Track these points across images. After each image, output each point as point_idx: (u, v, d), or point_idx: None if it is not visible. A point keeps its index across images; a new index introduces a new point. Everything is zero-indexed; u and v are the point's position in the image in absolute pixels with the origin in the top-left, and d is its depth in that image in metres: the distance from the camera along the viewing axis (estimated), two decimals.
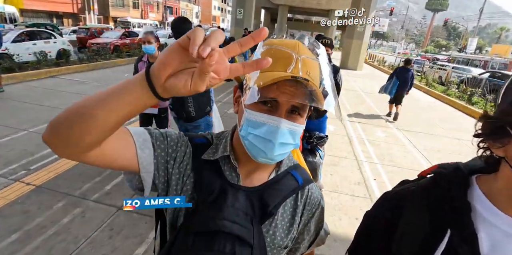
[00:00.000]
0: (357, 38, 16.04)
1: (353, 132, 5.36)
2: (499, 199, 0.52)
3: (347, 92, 9.11)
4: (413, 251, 0.57)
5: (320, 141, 2.84)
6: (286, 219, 0.68)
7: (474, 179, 0.58)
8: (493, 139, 0.51)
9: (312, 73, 0.56)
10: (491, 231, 0.52)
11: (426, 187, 0.61)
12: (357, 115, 6.64)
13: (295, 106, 0.58)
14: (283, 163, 0.71)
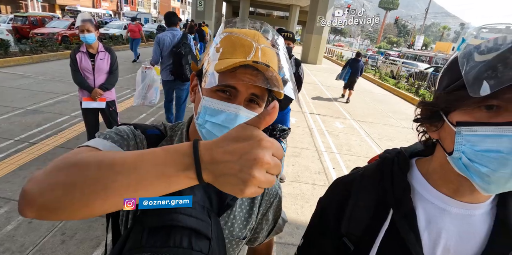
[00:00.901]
0: (316, 33, 16.50)
1: (313, 124, 5.56)
2: (434, 178, 0.58)
3: (307, 86, 9.38)
4: (360, 230, 0.61)
5: (283, 134, 2.89)
6: (245, 210, 0.68)
7: (414, 161, 0.64)
8: (429, 123, 0.57)
9: (272, 62, 0.56)
10: (426, 206, 0.57)
11: (372, 171, 0.66)
12: (317, 107, 6.88)
13: (255, 95, 0.58)
14: None
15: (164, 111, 4.27)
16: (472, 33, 0.54)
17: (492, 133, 0.45)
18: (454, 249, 0.55)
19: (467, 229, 0.55)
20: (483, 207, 0.56)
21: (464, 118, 0.49)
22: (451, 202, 0.56)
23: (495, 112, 0.46)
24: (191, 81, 0.66)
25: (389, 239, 0.57)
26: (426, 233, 0.56)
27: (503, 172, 0.44)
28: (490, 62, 0.44)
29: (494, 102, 0.45)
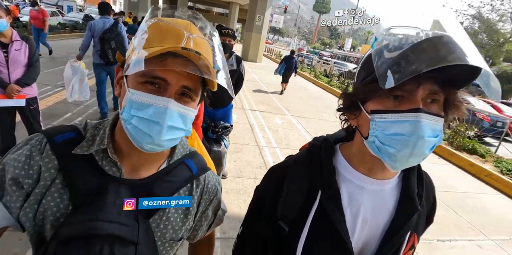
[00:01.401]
0: (256, 32, 16.81)
1: (254, 120, 5.69)
2: (354, 160, 0.66)
3: (248, 83, 9.53)
4: (294, 212, 0.66)
5: (225, 131, 2.90)
6: (180, 211, 0.65)
7: (338, 147, 0.71)
8: (349, 112, 0.64)
9: (205, 52, 0.53)
10: (348, 186, 0.65)
11: (303, 157, 0.72)
12: (258, 104, 7.06)
13: (187, 87, 0.54)
14: (176, 152, 0.67)
15: (97, 99, 4.27)
16: (382, 33, 0.63)
17: (397, 119, 0.53)
18: (370, 220, 0.64)
19: (380, 202, 0.65)
20: (392, 182, 0.66)
21: (376, 107, 0.56)
22: (367, 180, 0.64)
23: (400, 101, 0.54)
24: (116, 73, 0.60)
25: (318, 217, 0.64)
26: (349, 209, 0.64)
27: (405, 152, 0.53)
28: (395, 59, 0.52)
29: (399, 93, 0.54)
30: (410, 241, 0.66)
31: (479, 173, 5.15)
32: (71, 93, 3.43)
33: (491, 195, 4.49)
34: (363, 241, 0.65)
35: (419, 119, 0.51)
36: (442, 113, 0.55)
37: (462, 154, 5.73)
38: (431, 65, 0.47)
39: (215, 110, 2.94)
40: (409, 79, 0.49)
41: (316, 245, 0.64)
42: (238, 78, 3.03)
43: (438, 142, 0.55)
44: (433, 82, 0.52)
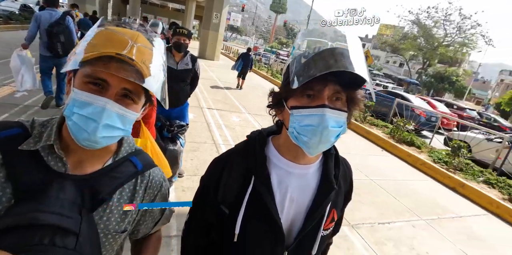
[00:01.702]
0: (213, 30, 16.66)
1: (211, 118, 5.71)
2: (282, 149, 0.77)
3: (205, 81, 9.47)
4: (232, 196, 0.75)
5: (180, 129, 2.89)
6: (124, 204, 0.68)
7: (270, 138, 0.82)
8: (276, 108, 0.76)
9: (148, 62, 0.59)
10: (278, 171, 0.76)
11: (240, 148, 0.81)
12: (215, 102, 7.07)
13: (127, 89, 0.58)
14: (121, 150, 0.71)
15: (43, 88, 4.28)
16: (298, 43, 0.75)
17: (308, 113, 0.66)
18: (297, 199, 0.75)
19: (305, 183, 0.76)
20: (314, 166, 0.78)
21: (294, 104, 0.68)
22: (293, 165, 0.76)
23: (311, 99, 0.66)
24: (69, 74, 0.63)
25: (252, 199, 0.73)
26: (278, 191, 0.74)
27: (315, 139, 0.66)
28: (303, 64, 0.65)
29: (310, 92, 0.66)
30: (330, 215, 0.79)
31: (415, 162, 5.78)
32: (22, 83, 3.41)
33: (424, 181, 5.09)
34: (291, 217, 0.76)
35: (324, 113, 0.64)
36: (345, 108, 0.68)
37: (402, 146, 6.36)
38: (322, 71, 0.60)
39: (171, 109, 2.92)
40: (317, 81, 0.63)
41: (251, 223, 0.73)
42: (194, 77, 3.04)
43: (342, 131, 0.69)
44: (336, 84, 0.65)
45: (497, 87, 48.14)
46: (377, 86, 18.26)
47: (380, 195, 4.05)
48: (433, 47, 30.20)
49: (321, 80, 0.62)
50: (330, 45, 0.66)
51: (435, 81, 30.60)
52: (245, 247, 0.75)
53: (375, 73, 30.41)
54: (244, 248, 0.76)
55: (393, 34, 37.87)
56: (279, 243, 0.73)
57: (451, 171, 5.33)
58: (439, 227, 3.54)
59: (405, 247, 2.96)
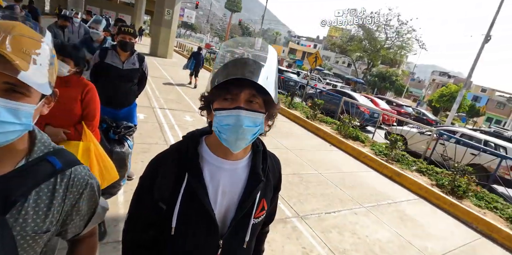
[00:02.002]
0: (165, 26, 16.08)
1: (163, 119, 5.57)
2: (213, 147, 0.84)
3: (157, 80, 9.16)
4: (167, 193, 0.80)
5: (128, 131, 2.80)
6: (42, 205, 0.67)
7: (203, 138, 0.88)
8: (206, 109, 0.82)
9: (31, 51, 0.58)
10: (210, 167, 0.82)
11: (175, 147, 0.87)
12: (168, 102, 6.89)
13: (11, 83, 0.57)
14: (35, 150, 0.68)
15: None
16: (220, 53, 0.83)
17: (227, 114, 0.74)
18: (228, 192, 0.83)
19: (235, 178, 0.84)
20: (243, 162, 0.86)
21: (217, 106, 0.76)
22: (224, 162, 0.83)
23: (230, 102, 0.74)
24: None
25: (186, 194, 0.79)
26: (211, 185, 0.81)
27: (232, 137, 0.74)
28: (219, 71, 0.75)
29: (229, 96, 0.74)
30: (260, 204, 0.87)
31: (359, 155, 6.29)
32: None
33: (366, 172, 5.58)
34: (224, 209, 0.83)
35: (239, 114, 0.73)
36: (262, 110, 0.77)
37: (348, 141, 6.87)
38: (229, 77, 0.70)
39: (117, 110, 2.82)
40: (234, 86, 0.72)
41: (186, 217, 0.79)
42: (141, 77, 2.97)
43: (260, 130, 0.78)
44: (252, 89, 0.73)
45: (430, 86, 54.10)
46: (327, 85, 19.31)
47: (328, 187, 4.35)
48: (376, 49, 32.87)
49: (238, 85, 0.71)
50: (247, 55, 0.74)
51: (378, 81, 33.42)
52: (182, 239, 0.81)
53: (326, 73, 32.13)
54: (181, 240, 0.82)
55: (341, 36, 40.30)
56: (213, 233, 0.81)
57: (389, 162, 5.91)
58: (378, 212, 3.93)
59: (348, 233, 3.25)
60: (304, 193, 3.97)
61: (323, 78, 23.33)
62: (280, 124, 7.79)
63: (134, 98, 3.04)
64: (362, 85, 33.60)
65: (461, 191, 4.90)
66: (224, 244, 0.82)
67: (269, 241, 2.75)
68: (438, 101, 26.76)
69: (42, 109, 0.66)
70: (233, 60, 0.74)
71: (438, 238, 3.68)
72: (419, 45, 32.20)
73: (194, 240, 0.82)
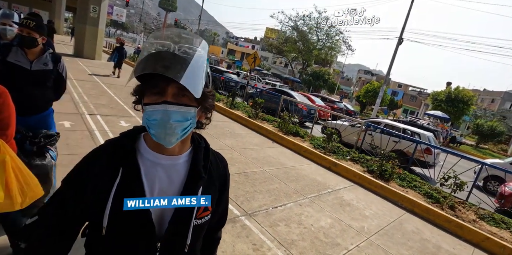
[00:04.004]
0: (91, 25, 14.67)
1: (94, 125, 5.07)
2: (150, 142, 0.80)
3: (85, 84, 8.31)
4: (101, 190, 0.73)
5: (49, 140, 2.45)
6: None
7: (142, 134, 0.83)
8: (139, 104, 0.77)
9: None
10: (146, 163, 0.78)
11: (111, 143, 0.80)
12: (99, 107, 6.31)
13: None
14: None
15: None
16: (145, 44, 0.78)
17: (154, 109, 0.70)
18: (167, 190, 0.78)
19: (174, 174, 0.80)
20: (183, 157, 0.83)
21: (146, 101, 0.72)
22: (161, 157, 0.79)
23: (159, 96, 0.71)
24: None
25: (120, 190, 0.73)
26: (146, 181, 0.76)
27: (160, 131, 0.71)
28: (138, 63, 0.70)
29: (157, 90, 0.71)
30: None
31: (300, 150, 6.65)
32: None
33: (308, 165, 5.92)
34: (162, 208, 0.77)
35: (166, 109, 0.70)
36: (193, 103, 0.75)
37: (289, 137, 7.20)
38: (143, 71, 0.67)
39: (26, 117, 2.38)
40: (161, 80, 0.69)
41: (119, 215, 0.72)
42: (58, 80, 2.55)
43: (192, 124, 0.76)
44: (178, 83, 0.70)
45: (357, 83, 59.86)
46: (266, 84, 19.92)
47: (273, 183, 4.50)
48: (309, 50, 35.07)
49: (165, 79, 0.68)
50: (173, 47, 0.71)
51: (313, 79, 35.77)
52: (115, 240, 0.75)
53: (264, 73, 33.11)
54: (113, 242, 0.75)
55: (277, 37, 41.97)
56: (149, 234, 0.75)
57: (327, 154, 6.38)
58: (320, 201, 4.21)
59: (294, 224, 3.40)
60: (251, 190, 4.04)
61: (263, 78, 24.00)
62: (222, 124, 7.77)
63: (48, 104, 2.62)
64: (299, 84, 35.58)
65: (388, 174, 5.54)
66: (162, 247, 0.77)
67: (219, 243, 2.72)
68: (365, 97, 29.84)
69: None
70: (152, 54, 0.70)
71: (372, 218, 4.10)
72: (346, 46, 35.42)
73: (128, 241, 0.75)
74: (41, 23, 2.30)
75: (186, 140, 0.83)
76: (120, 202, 0.72)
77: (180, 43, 0.73)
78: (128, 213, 0.73)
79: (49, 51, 2.45)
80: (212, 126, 7.09)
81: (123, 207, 0.72)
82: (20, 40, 2.24)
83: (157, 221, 0.77)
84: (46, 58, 2.40)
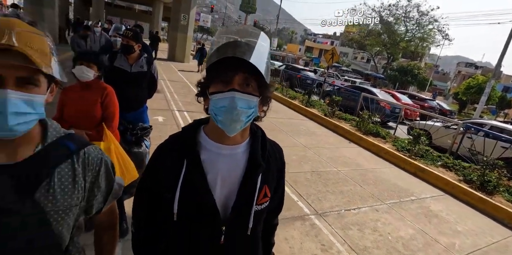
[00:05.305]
0: (181, 32, 16.46)
1: (182, 121, 5.71)
2: (211, 134, 0.86)
3: (175, 84, 9.40)
4: (168, 180, 0.83)
5: (144, 132, 2.90)
6: (66, 183, 0.73)
7: (202, 127, 0.90)
8: (202, 96, 0.85)
9: (36, 45, 0.63)
10: (208, 153, 0.84)
11: (176, 136, 0.90)
12: (186, 105, 7.05)
13: (22, 77, 0.62)
14: (48, 135, 0.75)
15: None
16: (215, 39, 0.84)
17: (222, 97, 0.75)
18: (228, 177, 0.84)
19: (234, 163, 0.85)
20: (242, 147, 0.87)
21: (212, 90, 0.78)
22: (222, 147, 0.85)
23: (225, 85, 0.76)
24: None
25: (186, 180, 0.81)
26: (209, 171, 0.83)
27: (227, 118, 0.76)
28: (211, 54, 0.77)
29: (224, 79, 0.76)
30: (262, 191, 0.87)
31: (380, 152, 6.13)
32: None
33: (388, 169, 5.42)
34: (225, 194, 0.84)
35: (233, 96, 0.74)
36: (256, 93, 0.78)
37: (368, 137, 6.71)
38: (220, 56, 0.72)
39: (125, 113, 2.83)
40: (229, 69, 0.74)
41: (187, 203, 0.81)
42: (150, 81, 2.98)
43: (254, 112, 0.79)
44: (246, 72, 0.75)
45: (455, 78, 51.55)
46: (345, 81, 18.93)
47: (347, 184, 4.28)
48: (395, 43, 31.80)
49: (232, 69, 0.73)
50: (239, 40, 0.75)
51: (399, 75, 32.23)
52: (185, 225, 0.84)
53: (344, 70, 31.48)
54: (183, 226, 0.84)
55: (358, 31, 39.35)
56: (214, 219, 0.82)
57: (412, 157, 5.71)
58: (400, 209, 3.82)
59: (369, 230, 3.18)
60: (323, 190, 3.93)
61: (341, 75, 22.89)
62: (297, 122, 7.74)
63: (143, 102, 3.06)
64: (383, 81, 32.59)
65: (491, 186, 4.64)
66: (227, 231, 0.83)
67: (288, 238, 2.75)
68: (465, 94, 25.43)
69: (48, 97, 0.71)
70: (224, 43, 0.75)
71: (467, 235, 3.51)
72: (442, 36, 30.86)
73: (196, 225, 0.83)
74: (137, 33, 2.74)
75: (246, 129, 0.86)
76: (186, 191, 0.81)
77: (245, 37, 0.77)
78: (194, 201, 0.81)
79: (144, 56, 2.89)
80: (286, 124, 7.15)
81: (189, 195, 0.81)
82: (122, 48, 2.71)
83: (221, 206, 0.83)
84: (142, 61, 2.83)
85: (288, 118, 8.02)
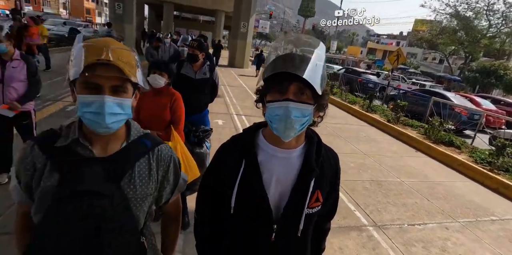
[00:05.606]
0: (241, 39, 17.14)
1: (240, 124, 5.94)
2: (268, 137, 0.92)
3: (234, 89, 9.81)
4: (229, 177, 0.91)
5: (206, 134, 3.13)
6: (144, 175, 0.87)
7: (261, 130, 0.97)
8: (260, 102, 0.91)
9: (125, 58, 0.77)
10: (265, 155, 0.91)
11: (237, 138, 0.98)
12: (244, 109, 7.32)
13: (116, 86, 0.77)
14: (131, 134, 0.90)
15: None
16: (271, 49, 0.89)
17: (277, 106, 0.80)
18: (282, 179, 0.89)
19: (288, 166, 0.90)
20: (297, 151, 0.91)
21: (269, 99, 0.83)
22: (278, 150, 0.90)
23: (281, 94, 0.80)
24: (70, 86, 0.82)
25: (243, 178, 0.88)
26: (265, 172, 0.88)
27: (281, 126, 0.80)
28: (267, 66, 0.82)
29: (279, 89, 0.80)
30: (314, 195, 0.90)
31: (453, 163, 5.47)
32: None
33: (462, 182, 4.80)
34: (278, 195, 0.88)
35: (288, 105, 0.78)
36: (311, 101, 0.81)
37: (439, 146, 6.05)
38: (274, 71, 0.77)
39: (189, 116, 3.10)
40: (284, 79, 0.78)
41: (243, 199, 0.88)
42: (212, 86, 3.22)
43: (308, 120, 0.82)
44: (301, 82, 0.78)
45: None
46: (412, 85, 17.36)
47: (412, 197, 3.93)
48: (475, 40, 28.01)
49: (287, 79, 0.77)
50: (294, 51, 0.79)
51: (480, 77, 28.14)
52: (240, 219, 0.91)
53: (411, 72, 28.87)
54: (239, 220, 0.91)
55: (429, 29, 35.77)
56: (267, 216, 0.87)
57: (495, 171, 4.97)
58: (476, 229, 3.35)
59: (436, 249, 2.87)
60: (383, 201, 3.68)
61: (408, 78, 21.08)
62: (357, 128, 7.39)
63: (205, 106, 3.29)
64: (459, 83, 28.93)
65: None
66: (278, 230, 0.87)
67: (342, 248, 2.65)
68: None
69: (133, 102, 0.85)
70: (280, 56, 0.79)
71: None
72: None
73: (250, 221, 0.89)
74: (202, 42, 3.00)
75: (301, 135, 0.89)
76: (243, 188, 0.87)
77: (300, 46, 0.80)
78: (250, 198, 0.87)
79: (207, 63, 3.14)
80: (345, 130, 6.88)
81: (245, 192, 0.87)
82: (188, 57, 2.99)
83: (274, 205, 0.87)
84: (205, 68, 3.08)
85: (347, 124, 7.71)
